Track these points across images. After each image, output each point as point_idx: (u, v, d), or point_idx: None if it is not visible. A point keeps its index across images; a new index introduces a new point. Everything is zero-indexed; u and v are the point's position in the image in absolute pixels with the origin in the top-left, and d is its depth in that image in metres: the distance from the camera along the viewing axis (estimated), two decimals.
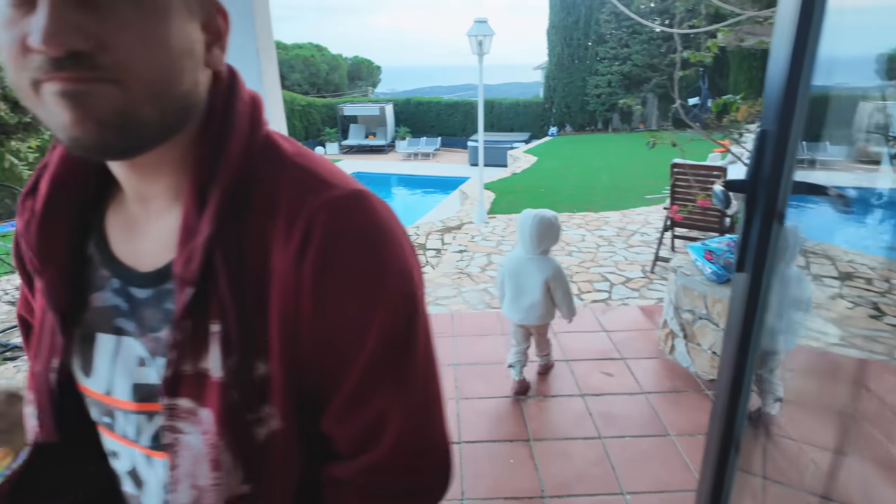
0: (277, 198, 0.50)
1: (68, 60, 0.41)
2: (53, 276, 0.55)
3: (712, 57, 3.36)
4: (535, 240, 2.52)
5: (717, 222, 4.49)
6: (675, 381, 2.80)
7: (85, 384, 0.58)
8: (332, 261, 0.49)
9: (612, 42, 19.00)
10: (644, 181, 9.62)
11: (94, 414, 0.59)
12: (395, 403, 0.54)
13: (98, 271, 0.56)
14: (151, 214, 0.54)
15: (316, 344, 0.51)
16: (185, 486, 0.52)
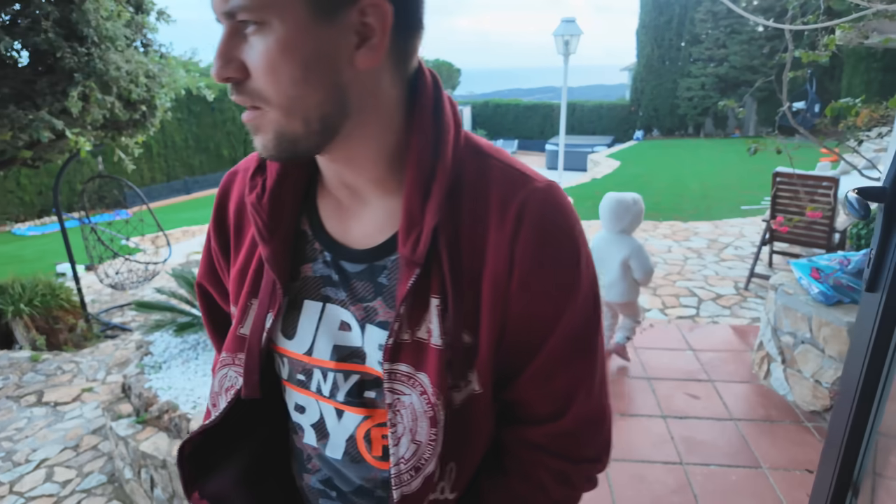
0: (486, 188, 0.58)
1: (233, 87, 0.52)
2: (277, 245, 0.62)
3: (828, 56, 3.04)
4: (612, 220, 2.68)
5: (825, 238, 4.07)
6: (770, 409, 2.55)
7: (284, 345, 0.66)
8: (542, 242, 0.56)
9: (708, 42, 17.97)
10: (739, 191, 8.99)
11: (286, 373, 0.68)
12: (583, 377, 0.61)
13: (311, 245, 0.64)
14: (358, 201, 0.62)
15: (518, 316, 0.58)
16: (406, 441, 0.58)
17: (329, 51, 0.51)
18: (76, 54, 4.17)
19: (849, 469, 0.95)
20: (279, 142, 0.53)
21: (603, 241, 2.74)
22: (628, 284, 2.73)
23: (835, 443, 0.99)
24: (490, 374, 0.60)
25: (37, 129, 4.06)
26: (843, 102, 3.00)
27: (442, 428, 0.57)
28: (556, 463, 0.63)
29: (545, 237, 0.56)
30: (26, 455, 3.33)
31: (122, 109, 4.68)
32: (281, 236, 0.63)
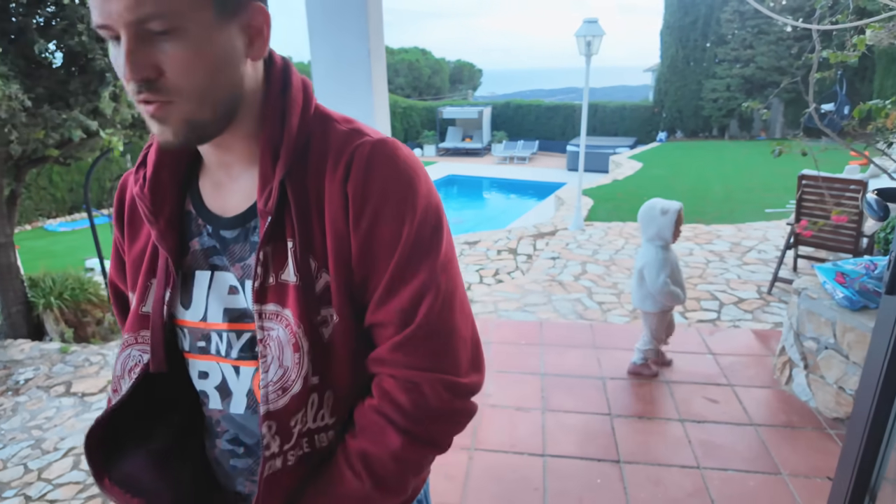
0: (327, 147, 0.68)
1: (143, 85, 0.58)
2: (163, 226, 0.71)
3: (857, 57, 2.98)
4: (641, 227, 2.75)
5: (852, 242, 3.97)
6: (791, 415, 2.51)
7: (183, 317, 0.73)
8: (369, 178, 0.65)
9: (734, 43, 17.65)
10: (763, 193, 8.83)
11: (187, 344, 0.74)
12: (422, 292, 0.65)
13: (195, 222, 0.73)
14: (231, 176, 0.72)
15: (362, 246, 0.65)
16: (273, 367, 0.66)
17: (231, 48, 0.61)
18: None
19: (866, 475, 0.94)
20: (190, 129, 0.62)
21: (667, 251, 2.74)
22: (643, 294, 2.72)
23: (852, 448, 0.98)
24: (345, 306, 0.67)
25: (69, 129, 4.19)
26: (871, 104, 2.94)
27: (306, 353, 0.65)
28: (401, 372, 0.66)
29: (371, 174, 0.65)
30: (55, 443, 3.44)
31: None
32: (166, 217, 0.72)
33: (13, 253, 5.04)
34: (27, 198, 12.22)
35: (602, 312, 4.16)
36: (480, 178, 16.43)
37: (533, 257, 5.86)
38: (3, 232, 4.91)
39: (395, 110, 20.00)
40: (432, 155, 20.06)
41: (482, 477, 2.17)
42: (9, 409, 3.85)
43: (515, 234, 6.74)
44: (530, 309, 4.23)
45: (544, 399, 2.67)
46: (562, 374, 2.89)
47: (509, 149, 18.87)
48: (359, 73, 2.69)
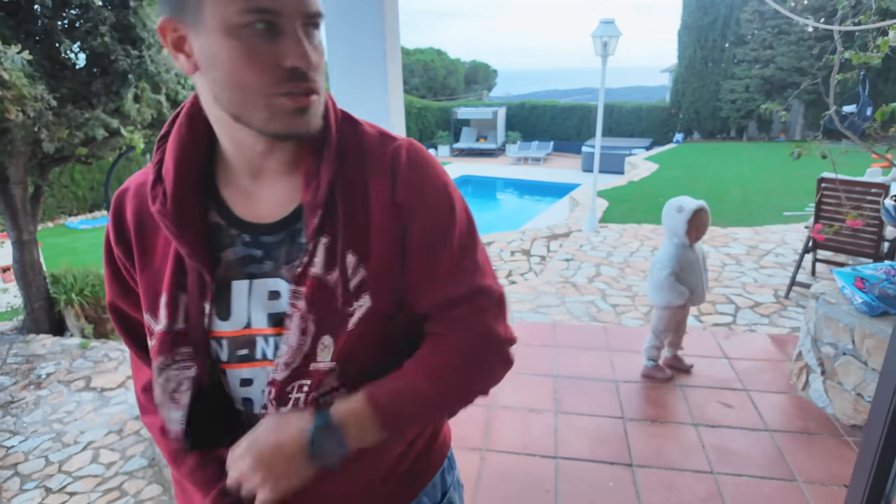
0: (364, 150, 0.73)
1: (310, 73, 0.63)
2: (192, 240, 0.70)
3: (881, 58, 2.92)
4: (663, 222, 2.74)
5: (872, 247, 3.91)
6: (808, 421, 2.48)
7: (221, 328, 0.73)
8: (415, 180, 0.72)
9: (754, 43, 17.40)
10: (782, 196, 8.70)
11: (225, 355, 0.75)
12: (475, 267, 0.75)
13: (226, 232, 0.73)
14: (261, 185, 0.73)
15: (419, 240, 0.72)
16: (293, 338, 0.69)
17: None
18: (129, 56, 4.37)
19: (881, 481, 0.93)
20: (317, 122, 0.68)
21: (684, 249, 2.73)
22: (652, 287, 2.78)
23: (868, 454, 0.97)
24: (384, 294, 0.72)
25: (92, 128, 4.28)
26: (894, 106, 2.89)
27: (328, 340, 0.70)
28: (450, 328, 0.74)
29: (415, 175, 0.72)
30: (75, 437, 3.52)
31: (170, 109, 4.88)
32: (193, 231, 0.71)
33: (36, 250, 5.16)
34: (49, 195, 12.49)
35: (616, 315, 4.14)
36: (495, 178, 16.41)
37: (546, 259, 5.84)
38: (26, 229, 5.02)
39: (410, 111, 20.06)
40: (446, 155, 20.07)
41: (494, 478, 2.18)
42: (31, 403, 3.95)
43: (529, 235, 6.73)
44: (543, 310, 4.23)
45: (557, 401, 2.67)
46: (575, 377, 2.88)
47: (524, 149, 18.81)
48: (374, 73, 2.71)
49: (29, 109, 3.88)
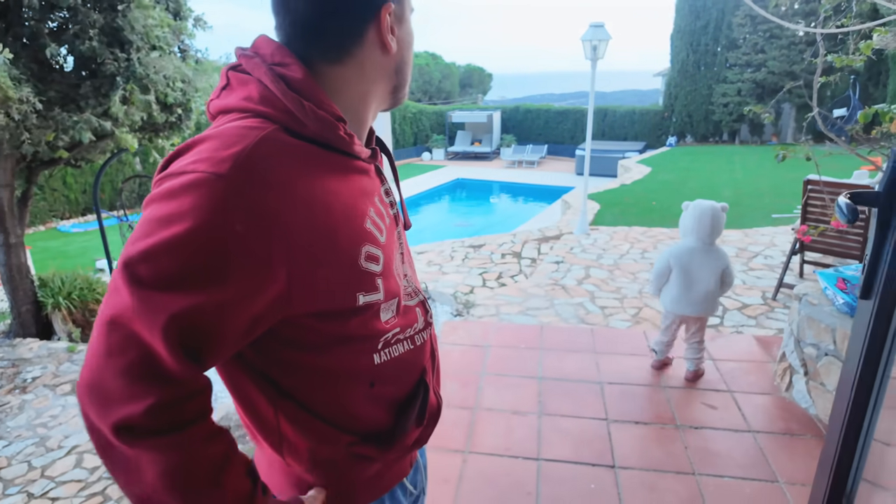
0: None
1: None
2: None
3: (863, 61, 2.95)
4: (712, 230, 2.61)
5: (859, 248, 3.93)
6: (791, 422, 2.48)
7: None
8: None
9: (746, 47, 17.53)
10: (772, 199, 8.74)
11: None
12: None
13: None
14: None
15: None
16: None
17: None
18: (117, 59, 4.36)
19: (843, 479, 0.93)
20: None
21: (695, 253, 2.64)
22: (717, 296, 2.71)
23: (829, 452, 0.97)
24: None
25: (79, 131, 4.26)
26: (877, 108, 2.91)
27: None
28: None
29: None
30: (59, 441, 3.48)
31: (160, 112, 4.87)
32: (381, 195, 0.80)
33: (24, 253, 5.12)
34: (41, 199, 12.41)
35: (604, 317, 4.14)
36: (489, 181, 16.42)
37: (537, 261, 5.85)
38: (13, 233, 4.99)
39: (405, 114, 20.07)
40: (441, 159, 20.09)
41: (475, 480, 2.17)
42: (15, 407, 3.91)
43: (520, 237, 6.73)
44: (532, 313, 4.22)
45: (541, 403, 2.67)
46: (560, 379, 2.88)
47: (518, 153, 18.85)
48: None
49: (14, 112, 3.86)
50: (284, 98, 0.65)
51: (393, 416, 0.81)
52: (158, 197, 0.60)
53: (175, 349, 0.57)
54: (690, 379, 2.83)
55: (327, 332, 0.70)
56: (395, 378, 0.80)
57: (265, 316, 0.63)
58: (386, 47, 0.72)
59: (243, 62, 0.70)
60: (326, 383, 0.73)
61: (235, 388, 0.75)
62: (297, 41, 0.70)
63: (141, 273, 0.57)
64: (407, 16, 0.76)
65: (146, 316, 0.57)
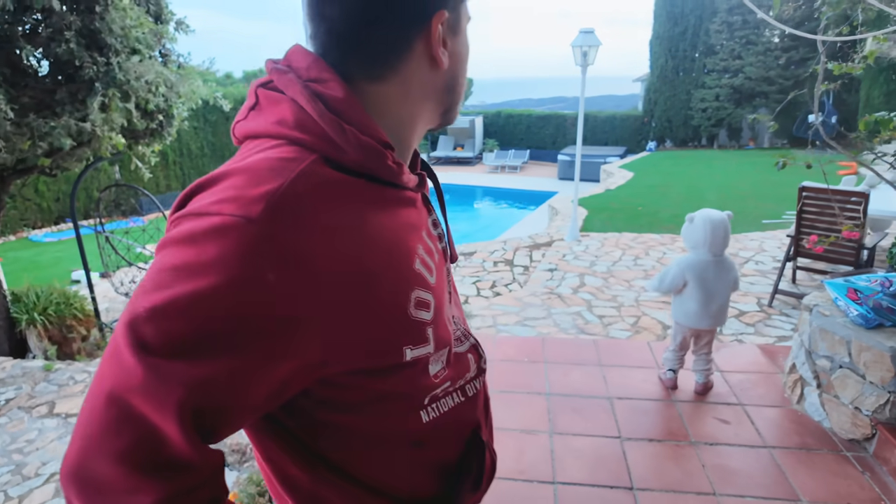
0: None
1: None
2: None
3: (863, 68, 2.95)
4: (724, 240, 2.56)
5: (853, 254, 3.94)
6: (806, 436, 2.44)
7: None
8: None
9: (723, 53, 17.85)
10: (757, 203, 8.85)
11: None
12: None
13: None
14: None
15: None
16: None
17: None
18: (96, 64, 4.18)
19: None
20: None
21: (710, 265, 2.57)
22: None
23: None
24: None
25: (57, 138, 4.06)
26: (878, 116, 2.91)
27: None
28: None
29: None
30: (36, 468, 3.28)
31: (140, 118, 4.68)
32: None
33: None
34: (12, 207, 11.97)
35: (603, 326, 4.09)
36: (473, 186, 16.39)
37: (530, 269, 5.78)
38: None
39: None
40: None
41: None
42: None
43: (511, 244, 6.67)
44: (530, 323, 4.15)
45: (551, 421, 2.58)
46: (568, 394, 2.80)
47: (501, 158, 18.88)
48: None
49: None
50: (322, 121, 0.55)
51: (441, 480, 0.70)
52: (176, 240, 0.50)
53: (189, 430, 0.47)
54: (700, 392, 2.77)
55: (368, 390, 0.60)
56: (444, 437, 0.70)
57: (296, 379, 0.55)
58: (437, 62, 0.62)
59: (275, 78, 0.60)
60: (366, 445, 0.64)
61: (262, 446, 0.65)
62: (333, 53, 0.59)
63: (148, 336, 0.47)
64: (463, 26, 0.65)
65: (154, 390, 0.46)
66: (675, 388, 2.83)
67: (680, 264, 2.64)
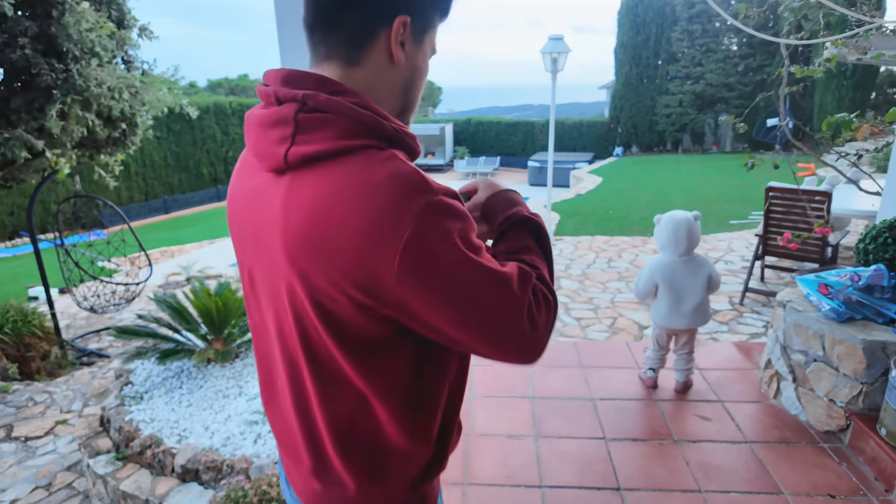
0: None
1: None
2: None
3: (823, 71, 3.05)
4: (689, 242, 2.56)
5: (818, 252, 4.07)
6: (784, 430, 2.48)
7: None
8: None
9: (685, 61, 18.39)
10: (723, 205, 9.09)
11: None
12: None
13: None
14: None
15: None
16: None
17: None
18: (54, 70, 4.01)
19: None
20: None
21: (677, 265, 2.59)
22: (709, 305, 2.66)
23: None
24: None
25: (12, 149, 3.88)
26: (839, 118, 3.01)
27: None
28: None
29: None
30: None
31: (102, 127, 4.51)
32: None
33: None
34: None
35: (581, 328, 4.11)
36: None
37: None
38: None
39: None
40: None
41: None
42: None
43: None
44: None
45: (535, 425, 2.56)
46: (551, 397, 2.79)
47: (472, 164, 18.98)
48: None
49: None
50: (374, 123, 0.69)
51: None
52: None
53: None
54: (680, 390, 2.80)
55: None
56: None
57: None
58: (394, 57, 0.73)
59: (308, 101, 0.68)
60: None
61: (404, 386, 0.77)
62: (319, 30, 0.73)
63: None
64: (425, 44, 0.78)
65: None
66: (656, 387, 2.85)
67: (649, 268, 2.66)
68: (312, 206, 0.65)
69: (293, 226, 0.66)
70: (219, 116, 17.90)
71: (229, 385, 3.29)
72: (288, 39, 2.53)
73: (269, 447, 2.63)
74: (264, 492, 2.08)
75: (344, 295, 0.66)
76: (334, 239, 0.63)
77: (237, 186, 0.81)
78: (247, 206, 0.77)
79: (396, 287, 0.64)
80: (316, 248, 0.64)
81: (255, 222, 0.75)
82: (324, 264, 0.65)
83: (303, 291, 0.68)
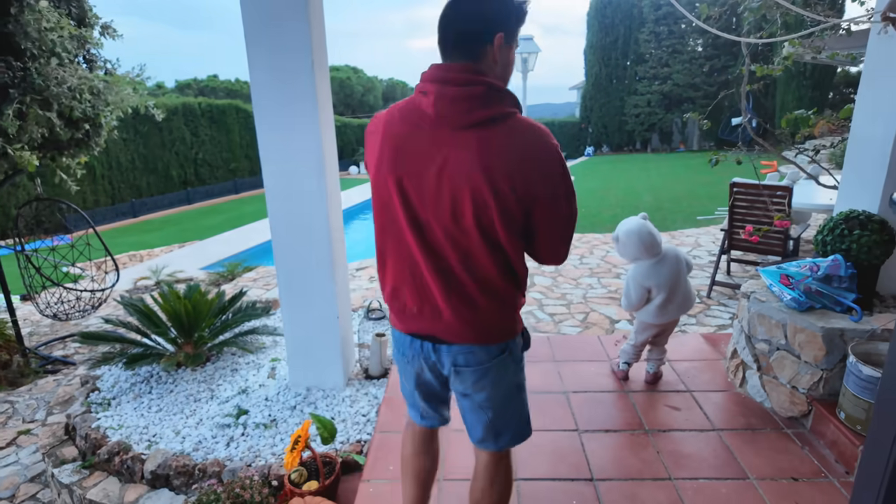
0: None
1: None
2: None
3: (781, 70, 3.16)
4: (655, 238, 2.60)
5: (780, 245, 4.21)
6: (750, 417, 2.56)
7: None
8: None
9: (652, 62, 18.76)
10: (690, 202, 9.31)
11: None
12: None
13: None
14: None
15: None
16: None
17: None
18: (11, 69, 3.88)
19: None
20: None
21: (660, 266, 2.63)
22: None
23: (867, 495, 0.94)
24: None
25: None
26: (797, 114, 3.12)
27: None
28: None
29: None
30: None
31: (64, 128, 4.37)
32: None
33: None
34: None
35: (554, 324, 4.16)
36: None
37: None
38: None
39: None
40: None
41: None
42: None
43: None
44: None
45: None
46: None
47: None
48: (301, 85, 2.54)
49: None
50: (511, 97, 1.25)
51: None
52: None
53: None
54: (651, 381, 2.86)
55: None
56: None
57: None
58: (495, 57, 1.25)
59: (484, 86, 1.21)
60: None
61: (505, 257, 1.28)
62: (461, 44, 1.24)
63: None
64: (512, 49, 1.31)
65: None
66: (627, 379, 2.91)
67: (635, 279, 2.66)
68: (507, 146, 1.16)
69: (492, 156, 1.15)
70: (188, 118, 17.52)
71: (200, 389, 3.23)
72: (254, 38, 2.51)
73: (242, 450, 2.59)
74: (237, 494, 2.05)
75: (514, 194, 1.18)
76: (518, 162, 1.17)
77: (398, 130, 1.25)
78: (415, 142, 1.22)
79: (539, 187, 1.22)
80: (506, 168, 1.16)
81: (425, 152, 1.20)
82: (508, 178, 1.17)
83: (488, 191, 1.16)
